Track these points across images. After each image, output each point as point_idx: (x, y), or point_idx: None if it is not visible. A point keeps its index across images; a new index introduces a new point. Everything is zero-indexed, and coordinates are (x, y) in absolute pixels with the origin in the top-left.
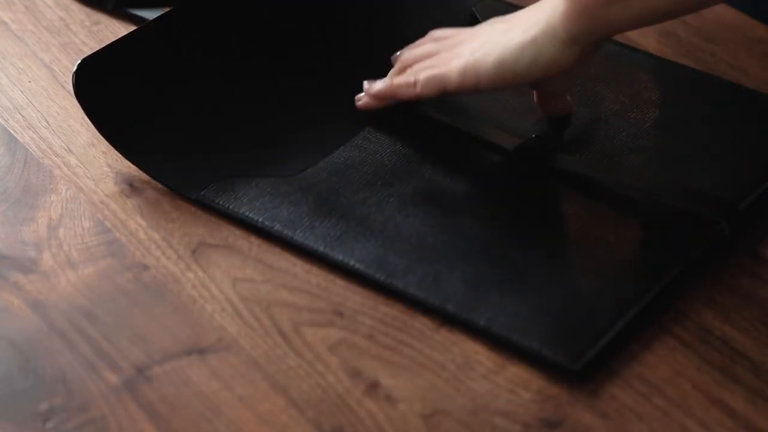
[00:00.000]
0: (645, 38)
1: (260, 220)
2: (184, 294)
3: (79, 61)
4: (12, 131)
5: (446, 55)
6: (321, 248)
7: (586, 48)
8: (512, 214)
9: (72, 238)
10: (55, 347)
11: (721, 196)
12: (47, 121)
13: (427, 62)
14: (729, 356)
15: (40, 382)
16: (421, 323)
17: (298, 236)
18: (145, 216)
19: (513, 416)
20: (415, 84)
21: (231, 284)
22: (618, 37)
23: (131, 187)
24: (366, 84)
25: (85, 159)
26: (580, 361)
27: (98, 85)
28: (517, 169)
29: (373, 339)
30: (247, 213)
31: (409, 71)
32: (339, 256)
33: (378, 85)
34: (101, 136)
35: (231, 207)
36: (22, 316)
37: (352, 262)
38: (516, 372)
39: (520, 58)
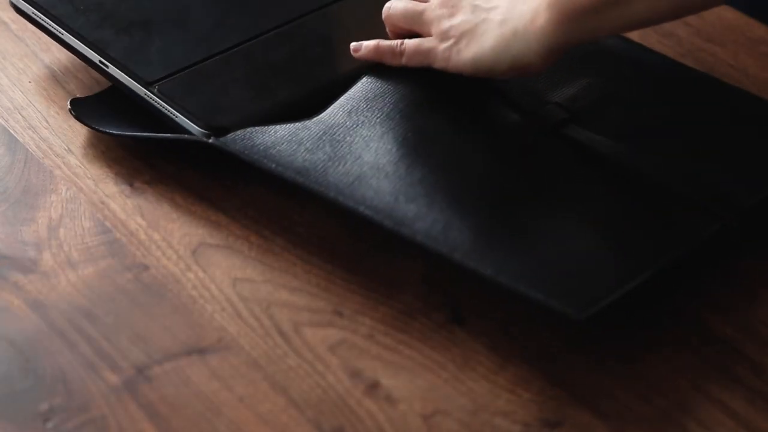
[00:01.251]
0: (645, 39)
1: (273, 166)
2: (184, 294)
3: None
4: (12, 131)
5: (433, 28)
6: (332, 194)
7: (562, 53)
8: (526, 167)
9: (72, 238)
10: (55, 347)
11: (732, 194)
12: (47, 122)
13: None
14: (729, 356)
15: (40, 382)
16: (421, 323)
17: (310, 182)
18: (145, 216)
19: (513, 416)
20: (401, 54)
21: (231, 284)
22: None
23: (131, 187)
24: (353, 46)
25: (85, 159)
26: (586, 312)
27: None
28: (533, 128)
29: (373, 339)
30: (262, 160)
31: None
32: (349, 203)
33: (363, 51)
34: (102, 136)
35: (247, 153)
36: (22, 316)
37: (361, 209)
38: (516, 372)
39: (495, 61)
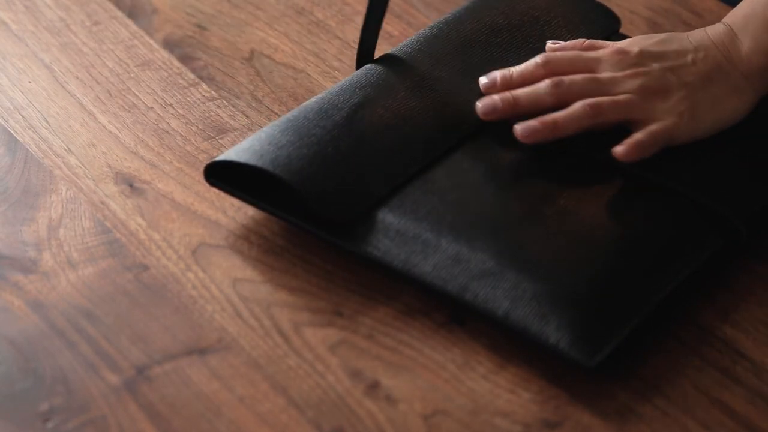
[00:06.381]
0: None
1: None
2: (184, 294)
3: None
4: (12, 131)
5: (650, 106)
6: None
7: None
8: (532, 189)
9: (72, 238)
10: (55, 347)
11: (741, 198)
12: (47, 122)
13: (625, 105)
14: (729, 356)
15: (40, 382)
16: (421, 323)
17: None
18: (145, 216)
19: (513, 416)
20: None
21: (231, 284)
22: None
23: (131, 187)
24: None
25: (85, 159)
26: (595, 358)
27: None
28: (540, 148)
29: (373, 339)
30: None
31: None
32: (358, 244)
33: (550, 123)
34: (101, 137)
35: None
36: (22, 316)
37: (369, 249)
38: (516, 372)
39: (729, 122)
